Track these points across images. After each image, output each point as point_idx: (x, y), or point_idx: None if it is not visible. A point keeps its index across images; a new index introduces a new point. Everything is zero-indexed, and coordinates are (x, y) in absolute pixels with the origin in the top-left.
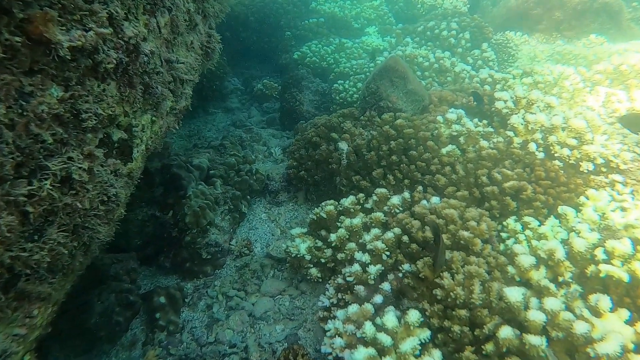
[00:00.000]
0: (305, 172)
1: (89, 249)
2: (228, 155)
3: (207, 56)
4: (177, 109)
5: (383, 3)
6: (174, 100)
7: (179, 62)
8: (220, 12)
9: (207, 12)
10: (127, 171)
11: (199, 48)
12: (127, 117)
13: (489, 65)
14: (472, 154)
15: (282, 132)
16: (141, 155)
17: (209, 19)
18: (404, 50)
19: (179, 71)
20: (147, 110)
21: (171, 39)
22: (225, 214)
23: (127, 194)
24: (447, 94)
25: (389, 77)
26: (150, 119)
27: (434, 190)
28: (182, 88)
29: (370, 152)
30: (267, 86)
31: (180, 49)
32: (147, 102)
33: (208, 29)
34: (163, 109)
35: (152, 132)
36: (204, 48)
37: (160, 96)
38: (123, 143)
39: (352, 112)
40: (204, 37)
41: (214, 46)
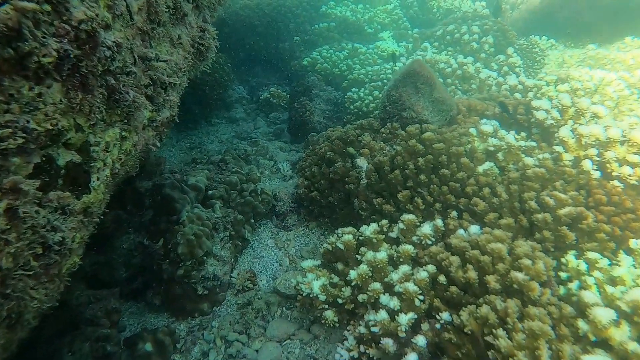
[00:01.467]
0: (318, 193)
1: (20, 321)
2: (230, 172)
3: (199, 55)
4: (159, 120)
5: (397, 7)
6: (153, 110)
7: (160, 60)
8: (217, 4)
9: (200, 1)
10: (82, 206)
11: (188, 45)
12: (81, 133)
13: (515, 71)
14: (515, 173)
15: (290, 145)
16: (104, 184)
17: (203, 11)
18: (424, 56)
19: (160, 72)
20: (113, 123)
21: (148, 29)
22: (225, 241)
23: (85, 235)
24: (476, 103)
25: (414, 83)
26: (119, 134)
27: (470, 217)
28: (164, 94)
29: (394, 171)
30: (275, 95)
31: (163, 43)
32: (112, 111)
33: (202, 22)
34: (137, 121)
35: (122, 151)
36: (196, 45)
37: (132, 104)
38: (75, 168)
39: (371, 123)
40: (196, 32)
41: (208, 43)
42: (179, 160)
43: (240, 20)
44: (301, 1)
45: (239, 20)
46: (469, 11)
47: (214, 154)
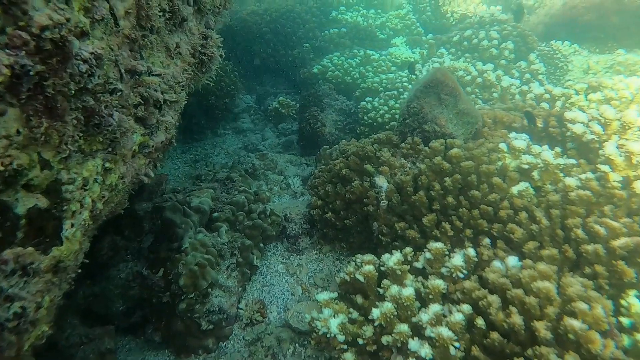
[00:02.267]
0: (333, 214)
1: None
2: (237, 191)
3: (201, 66)
4: (152, 146)
5: (410, 12)
6: (145, 133)
7: (153, 74)
8: (221, 7)
9: (203, 4)
10: (51, 263)
11: (188, 54)
12: (49, 170)
13: (538, 78)
14: (555, 195)
15: (300, 158)
16: (82, 230)
17: (206, 16)
18: (441, 63)
19: (153, 88)
20: (93, 153)
21: (138, 37)
22: (232, 269)
23: (57, 296)
24: (502, 115)
25: (436, 94)
26: (101, 166)
27: (506, 245)
28: (158, 114)
29: (417, 192)
30: (283, 104)
31: (157, 53)
32: (92, 139)
33: (204, 28)
34: (125, 148)
35: (106, 187)
36: (197, 54)
37: (117, 129)
38: (40, 216)
39: (390, 137)
40: (198, 39)
41: (211, 52)
42: (184, 173)
43: (247, 27)
44: (310, 6)
45: (246, 27)
46: (485, 16)
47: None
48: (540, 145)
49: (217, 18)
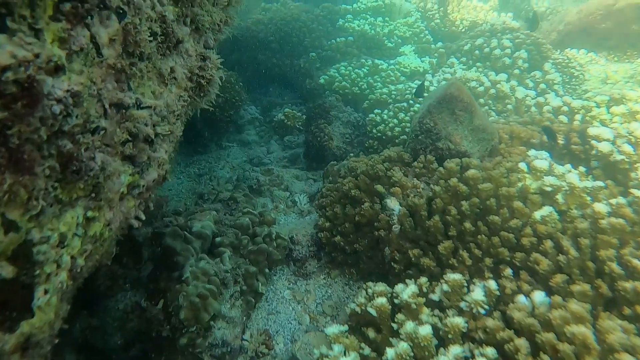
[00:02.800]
0: (342, 238)
1: None
2: (240, 213)
3: (199, 90)
4: (143, 185)
5: (418, 20)
6: (135, 172)
7: (142, 107)
8: (222, 24)
9: (201, 23)
10: (19, 340)
11: (185, 79)
12: (15, 232)
13: (554, 89)
14: (583, 222)
15: (307, 173)
16: (58, 294)
17: (205, 34)
18: (453, 73)
19: (142, 122)
20: (73, 202)
21: (126, 66)
22: (236, 297)
23: None
24: (519, 130)
25: (451, 109)
26: (82, 216)
27: (530, 277)
28: (149, 149)
29: (432, 216)
30: (289, 116)
31: (147, 82)
32: (71, 187)
33: (202, 48)
34: (111, 192)
35: (89, 238)
36: (195, 78)
37: (100, 172)
38: (4, 288)
39: (401, 155)
40: (195, 61)
41: (210, 75)
42: (187, 188)
43: (252, 36)
44: (317, 15)
45: (251, 36)
46: (497, 23)
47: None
48: (562, 163)
49: (217, 35)
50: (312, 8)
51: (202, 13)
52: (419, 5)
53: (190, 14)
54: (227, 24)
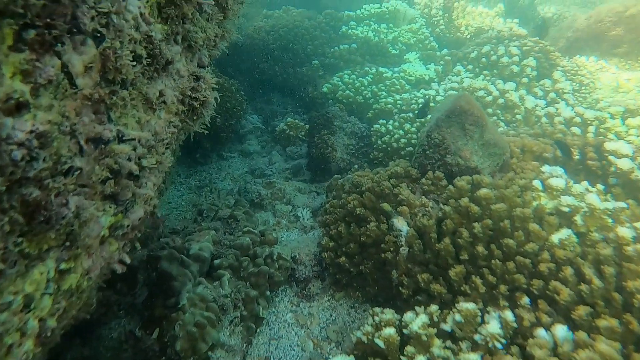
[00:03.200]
0: (347, 259)
1: None
2: (240, 232)
3: (192, 113)
4: (127, 225)
5: (423, 26)
6: (117, 212)
7: (125, 140)
8: (218, 39)
9: (193, 40)
10: None
11: (176, 102)
12: None
13: (564, 98)
14: (606, 248)
15: (310, 185)
16: None
17: (198, 52)
18: (460, 82)
19: (125, 157)
20: (43, 255)
21: (105, 95)
22: (235, 324)
23: None
24: (531, 144)
25: (460, 123)
26: (55, 269)
27: (549, 306)
28: (134, 185)
29: (442, 239)
30: (292, 126)
31: (131, 111)
32: (41, 238)
33: (196, 67)
34: (89, 238)
35: (62, 294)
36: (187, 100)
37: (74, 219)
38: None
39: (408, 171)
40: (188, 83)
41: (204, 96)
42: (187, 201)
43: (254, 44)
44: (319, 22)
45: (253, 44)
46: (504, 30)
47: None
48: (577, 180)
49: (213, 52)
50: (314, 15)
51: (195, 30)
52: (423, 12)
53: (181, 32)
54: (224, 39)
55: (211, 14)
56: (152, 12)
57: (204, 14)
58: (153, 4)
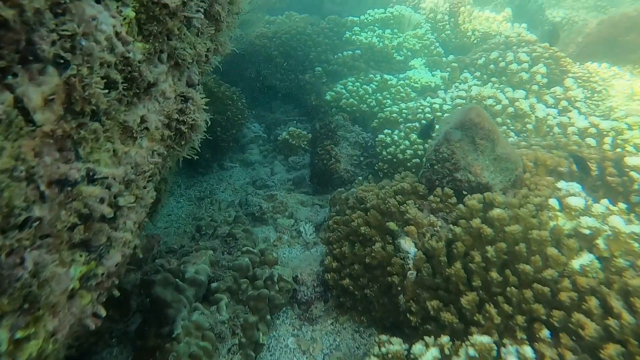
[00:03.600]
0: (351, 281)
1: None
2: (239, 252)
3: (180, 138)
4: (102, 273)
5: (428, 31)
6: (90, 260)
7: (95, 179)
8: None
9: (181, 58)
10: None
11: (160, 127)
12: None
13: (576, 106)
14: (636, 279)
15: (313, 198)
16: None
17: (187, 70)
18: (468, 90)
19: (97, 199)
20: None
21: (70, 130)
22: (233, 352)
23: None
24: (544, 157)
25: (470, 137)
26: (9, 340)
27: (572, 341)
28: (109, 228)
29: (453, 263)
30: (294, 135)
31: (105, 144)
32: None
33: (184, 87)
34: (53, 295)
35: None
36: (175, 125)
37: (32, 280)
38: None
39: (415, 186)
40: (174, 105)
41: (193, 119)
42: (187, 213)
43: (256, 51)
44: (323, 27)
45: (255, 51)
46: (512, 35)
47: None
48: (596, 197)
49: (205, 67)
50: (317, 20)
51: (183, 46)
52: (428, 16)
53: (166, 49)
54: (218, 53)
55: (201, 28)
56: (130, 30)
57: (193, 28)
58: (132, 21)
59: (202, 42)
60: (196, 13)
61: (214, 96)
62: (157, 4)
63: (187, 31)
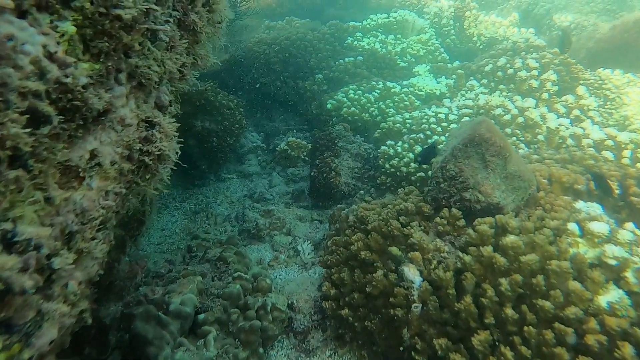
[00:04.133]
0: (350, 312)
1: None
2: (230, 277)
3: (144, 171)
4: (32, 356)
5: (433, 36)
6: (11, 344)
7: (15, 241)
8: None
9: (145, 77)
10: None
11: (118, 160)
12: None
13: (589, 116)
14: None
15: (312, 213)
16: None
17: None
18: (475, 99)
19: (13, 269)
20: None
21: None
22: None
23: None
24: (559, 173)
25: (480, 154)
26: None
27: None
28: (39, 300)
29: (462, 297)
30: (293, 145)
31: (32, 194)
32: None
33: (151, 110)
34: None
35: None
36: (137, 156)
37: None
38: None
39: (420, 206)
40: (136, 132)
41: (159, 148)
42: (182, 228)
43: (254, 57)
44: (324, 33)
45: (253, 57)
46: (520, 41)
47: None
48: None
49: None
50: (318, 26)
51: (147, 63)
52: (433, 21)
53: (125, 68)
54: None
55: (172, 41)
56: (72, 48)
57: (160, 42)
58: (74, 38)
59: (174, 57)
60: (163, 25)
61: (211, 105)
62: (106, 16)
63: (151, 46)
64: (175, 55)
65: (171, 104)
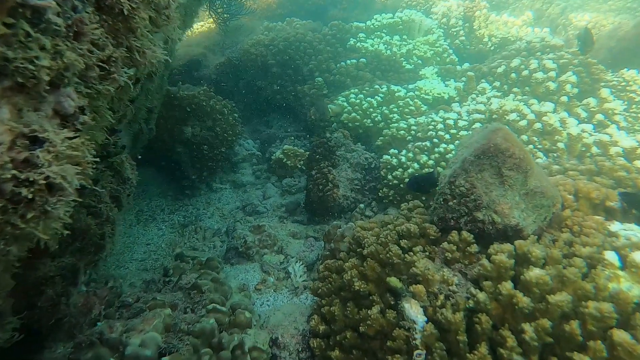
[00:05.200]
0: (341, 354)
1: None
2: (204, 309)
3: (26, 208)
4: None
5: (441, 37)
6: None
7: None
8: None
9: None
10: None
11: None
12: None
13: (614, 120)
14: None
15: (307, 229)
16: None
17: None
18: (487, 104)
19: None
20: None
21: None
22: None
23: None
24: (587, 189)
25: (496, 167)
26: None
27: None
28: None
29: (476, 347)
30: (289, 154)
31: None
32: None
33: (42, 122)
34: None
35: None
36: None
37: None
38: None
39: (425, 228)
40: (7, 155)
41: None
42: (168, 243)
43: (251, 60)
44: (325, 34)
45: (250, 60)
46: (535, 41)
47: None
48: None
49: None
50: (320, 27)
51: (26, 55)
52: (441, 22)
53: None
54: (138, 64)
55: (74, 26)
56: None
57: (49, 26)
58: None
59: (84, 47)
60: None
61: (202, 110)
62: None
63: (35, 33)
64: (84, 46)
65: (84, 112)
